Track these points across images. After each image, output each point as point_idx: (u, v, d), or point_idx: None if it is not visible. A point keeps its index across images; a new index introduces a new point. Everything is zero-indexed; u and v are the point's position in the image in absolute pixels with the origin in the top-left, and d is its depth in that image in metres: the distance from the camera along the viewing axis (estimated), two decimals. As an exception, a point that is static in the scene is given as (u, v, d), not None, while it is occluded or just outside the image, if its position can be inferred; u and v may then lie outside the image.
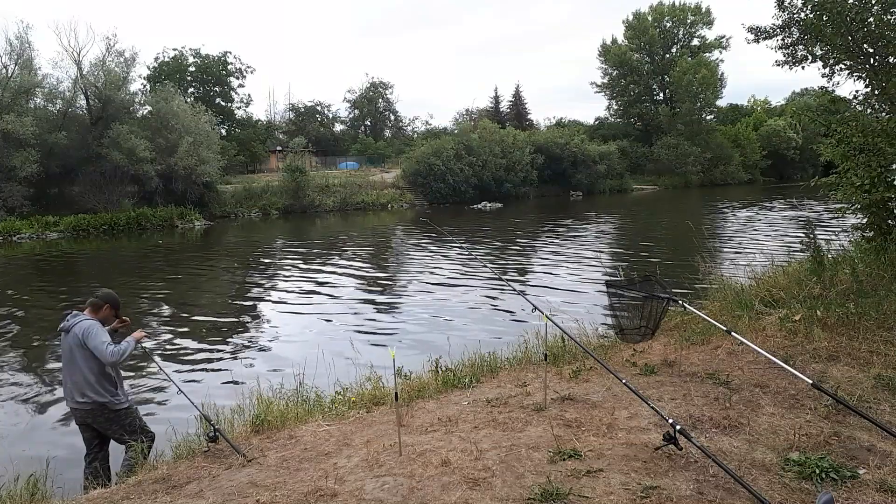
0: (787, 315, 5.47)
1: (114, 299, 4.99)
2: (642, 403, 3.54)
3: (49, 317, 12.68)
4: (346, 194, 41.57)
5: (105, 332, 4.71)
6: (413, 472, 3.32)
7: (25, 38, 34.04)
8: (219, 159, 37.99)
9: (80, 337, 4.62)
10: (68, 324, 4.75)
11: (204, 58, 54.34)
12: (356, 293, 14.14)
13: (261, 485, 3.43)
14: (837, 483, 2.94)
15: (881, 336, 4.90)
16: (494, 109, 73.28)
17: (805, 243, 7.40)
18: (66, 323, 4.77)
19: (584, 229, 26.54)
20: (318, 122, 67.64)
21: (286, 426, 4.51)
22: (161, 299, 14.19)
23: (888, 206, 6.77)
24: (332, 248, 22.62)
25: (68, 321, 4.76)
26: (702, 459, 3.15)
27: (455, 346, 6.30)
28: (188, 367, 8.83)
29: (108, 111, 34.58)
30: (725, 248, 17.96)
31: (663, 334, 5.79)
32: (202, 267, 19.85)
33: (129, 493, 3.63)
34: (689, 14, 64.57)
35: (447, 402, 4.63)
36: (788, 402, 3.96)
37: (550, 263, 17.14)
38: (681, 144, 59.16)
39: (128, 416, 4.78)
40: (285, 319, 11.74)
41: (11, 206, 30.32)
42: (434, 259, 18.90)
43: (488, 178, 46.30)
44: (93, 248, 25.80)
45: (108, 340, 4.63)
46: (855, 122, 6.73)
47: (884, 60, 6.91)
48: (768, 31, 7.49)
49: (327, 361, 6.76)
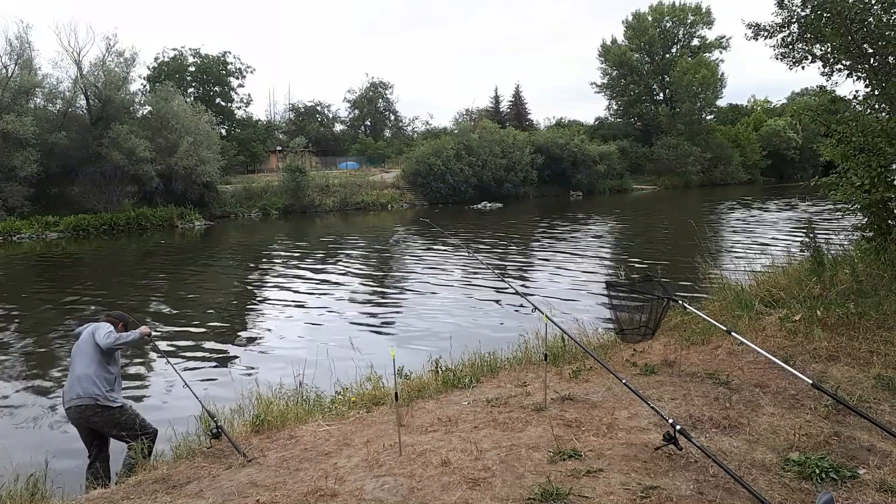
0: (787, 315, 5.46)
1: (125, 319, 5.29)
2: (642, 403, 3.54)
3: (48, 317, 12.68)
4: (346, 194, 41.57)
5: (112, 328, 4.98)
6: (413, 472, 3.32)
7: (25, 38, 34.08)
8: (219, 159, 37.98)
9: (91, 333, 4.89)
10: (82, 328, 5.03)
11: (204, 58, 54.31)
12: (356, 293, 14.14)
13: (261, 485, 3.43)
14: (837, 483, 2.94)
15: (881, 336, 4.90)
16: (494, 109, 73.26)
17: (805, 243, 7.39)
18: (80, 328, 5.06)
19: (585, 229, 26.53)
20: (318, 122, 67.62)
21: (286, 426, 4.51)
22: (161, 299, 14.20)
23: (888, 206, 6.76)
24: (331, 248, 22.62)
25: (84, 327, 5.05)
26: (702, 459, 3.14)
27: (455, 346, 6.29)
28: (188, 367, 8.83)
29: (108, 111, 34.57)
30: (725, 248, 17.96)
31: (663, 334, 5.79)
32: (202, 267, 19.85)
33: (129, 493, 3.63)
34: (689, 14, 64.53)
35: (447, 402, 4.63)
36: (788, 402, 3.96)
37: (550, 263, 17.13)
38: (681, 144, 59.14)
39: (123, 413, 4.83)
40: (285, 319, 11.74)
41: (11, 206, 30.31)
42: (434, 259, 18.89)
43: (488, 178, 46.29)
44: (93, 249, 25.80)
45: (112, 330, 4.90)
46: (855, 122, 6.73)
47: (884, 60, 6.90)
48: (768, 28, 7.49)
49: (327, 361, 6.77)
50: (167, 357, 6.12)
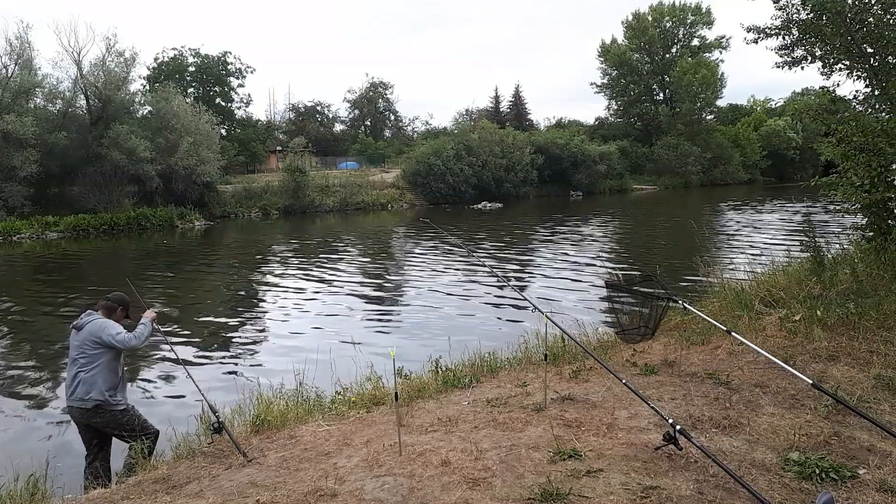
0: (787, 315, 5.46)
1: (125, 301, 5.12)
2: (642, 403, 3.54)
3: (48, 316, 12.69)
4: (346, 194, 41.55)
5: (117, 324, 4.85)
6: (413, 472, 3.32)
7: (25, 38, 34.04)
8: (219, 159, 37.97)
9: (94, 335, 4.71)
10: (81, 321, 4.84)
11: (204, 58, 54.33)
12: (356, 293, 14.14)
13: (261, 485, 3.43)
14: (837, 483, 2.94)
15: (881, 336, 4.90)
16: (494, 109, 73.27)
17: (805, 243, 7.39)
18: (78, 321, 4.86)
19: (585, 229, 26.53)
20: (318, 122, 67.68)
21: (286, 426, 4.50)
22: (161, 299, 14.19)
23: (888, 206, 6.77)
24: (331, 248, 22.61)
25: (81, 319, 4.85)
26: (702, 459, 3.14)
27: (455, 346, 6.29)
28: (188, 367, 8.82)
29: (108, 111, 34.55)
30: (725, 248, 17.96)
31: (663, 334, 5.79)
32: (202, 267, 19.85)
33: (129, 492, 3.63)
34: (689, 14, 64.54)
35: (447, 402, 4.62)
36: (788, 402, 3.96)
37: (550, 263, 17.13)
38: (681, 144, 59.15)
39: (125, 415, 4.80)
40: (285, 319, 11.74)
41: (12, 206, 30.30)
42: (434, 259, 18.89)
43: (488, 178, 46.29)
44: (93, 248, 25.79)
45: (122, 330, 4.77)
46: (855, 122, 6.73)
47: (884, 60, 6.90)
48: (767, 31, 7.49)
49: (327, 361, 6.77)
50: (171, 347, 6.12)
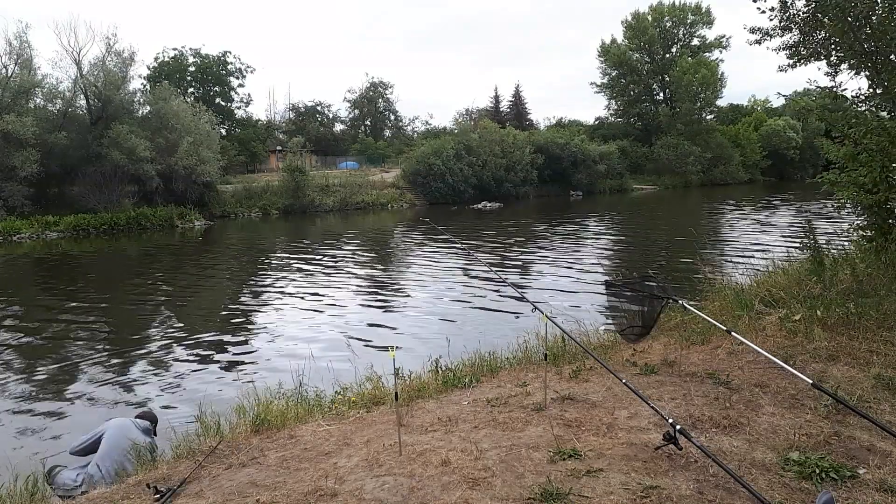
0: (787, 315, 5.46)
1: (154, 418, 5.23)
2: (642, 403, 3.53)
3: (48, 316, 12.68)
4: (345, 194, 41.56)
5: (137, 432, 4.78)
6: (413, 471, 3.32)
7: (25, 38, 34.03)
8: (219, 159, 37.99)
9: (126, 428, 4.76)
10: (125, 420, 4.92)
11: (204, 58, 54.34)
12: (356, 293, 14.14)
13: (261, 485, 3.43)
14: (837, 483, 2.94)
15: (881, 336, 4.90)
16: (494, 109, 73.31)
17: (805, 243, 7.38)
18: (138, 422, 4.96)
19: (584, 229, 26.53)
20: (318, 122, 67.70)
21: (286, 426, 4.50)
22: (161, 299, 14.19)
23: (889, 206, 6.77)
24: (331, 248, 22.62)
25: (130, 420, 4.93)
26: (702, 459, 3.14)
27: (455, 346, 6.29)
28: (188, 366, 8.84)
29: (107, 111, 34.56)
30: (725, 248, 17.97)
31: (663, 334, 5.78)
32: (202, 267, 19.85)
33: (129, 492, 3.63)
34: (689, 14, 64.55)
35: (447, 402, 4.62)
36: (788, 402, 3.96)
37: (550, 263, 17.13)
38: (681, 144, 59.15)
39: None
40: (285, 319, 11.74)
41: (12, 206, 30.30)
42: (434, 259, 18.90)
43: (488, 178, 46.27)
44: (93, 248, 25.80)
45: None
46: (865, 126, 6.72)
47: (886, 59, 6.89)
48: (769, 31, 7.48)
49: (327, 361, 6.77)
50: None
